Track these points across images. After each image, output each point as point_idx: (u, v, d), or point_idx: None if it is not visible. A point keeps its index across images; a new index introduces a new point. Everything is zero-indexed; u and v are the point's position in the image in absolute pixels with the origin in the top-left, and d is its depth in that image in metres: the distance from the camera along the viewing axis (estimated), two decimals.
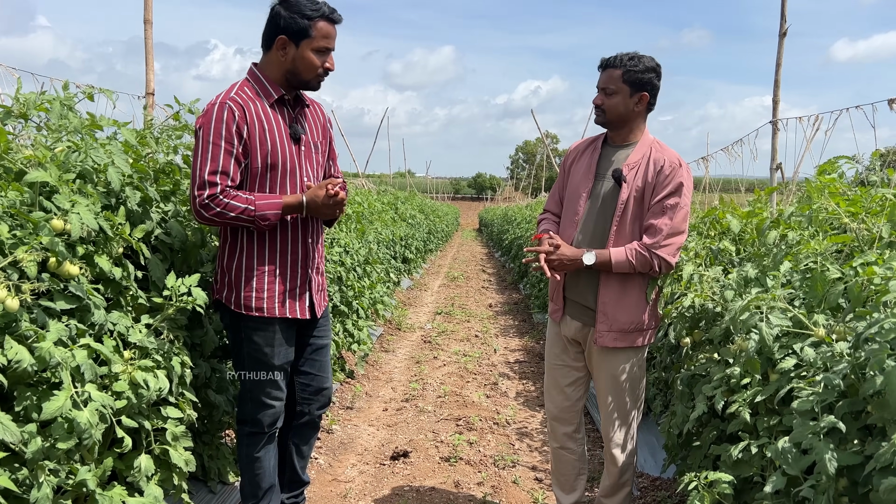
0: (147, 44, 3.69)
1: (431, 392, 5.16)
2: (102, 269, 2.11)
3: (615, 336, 2.63)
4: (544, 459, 3.90)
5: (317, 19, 2.34)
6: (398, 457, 3.86)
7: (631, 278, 2.61)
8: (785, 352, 1.96)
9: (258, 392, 2.57)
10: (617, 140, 2.68)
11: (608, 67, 2.59)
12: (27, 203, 1.91)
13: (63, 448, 1.80)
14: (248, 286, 2.47)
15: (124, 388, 2.05)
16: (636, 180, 2.57)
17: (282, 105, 2.47)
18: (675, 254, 2.57)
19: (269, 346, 2.53)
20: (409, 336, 7.22)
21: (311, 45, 2.37)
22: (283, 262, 2.50)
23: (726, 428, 2.21)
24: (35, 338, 1.75)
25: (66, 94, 2.13)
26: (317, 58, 2.39)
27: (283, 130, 2.43)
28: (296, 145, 2.47)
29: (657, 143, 2.64)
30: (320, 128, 2.61)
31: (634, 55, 2.57)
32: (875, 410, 1.52)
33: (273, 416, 2.61)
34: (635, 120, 2.63)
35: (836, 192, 2.38)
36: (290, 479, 2.87)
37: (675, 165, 2.55)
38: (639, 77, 2.55)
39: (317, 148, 2.57)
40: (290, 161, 2.44)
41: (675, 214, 2.53)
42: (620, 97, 2.57)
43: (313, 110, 2.62)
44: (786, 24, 3.68)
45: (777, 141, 3.74)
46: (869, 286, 1.77)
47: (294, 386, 2.75)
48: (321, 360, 2.76)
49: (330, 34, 2.39)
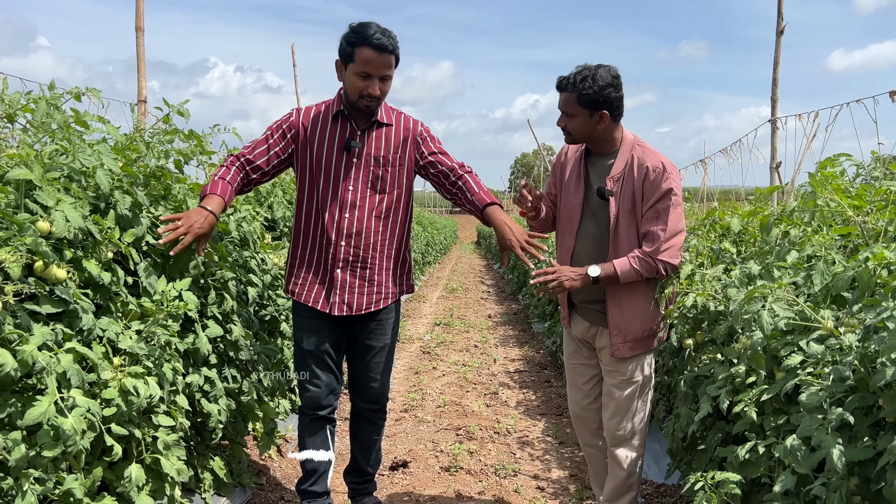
0: (139, 51, 3.65)
1: (431, 402, 5.09)
2: (91, 274, 2.06)
3: (631, 346, 2.63)
4: (546, 468, 3.84)
5: (360, 45, 2.53)
6: (397, 467, 3.80)
7: (636, 286, 2.60)
8: (791, 349, 1.91)
9: (299, 373, 2.87)
10: (598, 150, 2.66)
11: (562, 90, 2.54)
12: (12, 205, 1.87)
13: (49, 456, 1.74)
14: (289, 272, 2.89)
15: (114, 395, 2.00)
16: (623, 192, 2.56)
17: (345, 119, 2.72)
18: (677, 255, 2.55)
19: (300, 329, 2.86)
20: (408, 347, 7.16)
21: (354, 69, 2.57)
22: (310, 255, 2.81)
23: (732, 430, 2.15)
24: (19, 341, 1.70)
25: (52, 93, 2.09)
26: (359, 81, 2.57)
27: (335, 139, 2.71)
28: (347, 154, 2.70)
29: (638, 146, 2.60)
30: (392, 146, 2.76)
31: (587, 74, 2.47)
32: (886, 404, 1.47)
33: (310, 400, 2.85)
34: (605, 133, 2.58)
35: (839, 188, 2.34)
36: (352, 465, 3.12)
37: (659, 170, 2.52)
38: (594, 98, 2.47)
39: (377, 163, 2.74)
40: (336, 167, 2.71)
41: (668, 217, 2.51)
42: (581, 119, 2.54)
43: (393, 129, 2.77)
44: (783, 22, 3.67)
45: (776, 139, 3.71)
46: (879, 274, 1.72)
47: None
48: (369, 360, 2.92)
49: (370, 60, 2.54)
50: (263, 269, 3.46)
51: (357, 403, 3.04)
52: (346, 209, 2.72)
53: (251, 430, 3.34)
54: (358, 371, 2.96)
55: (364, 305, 2.83)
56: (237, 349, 2.97)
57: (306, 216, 2.80)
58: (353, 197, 2.73)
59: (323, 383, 2.85)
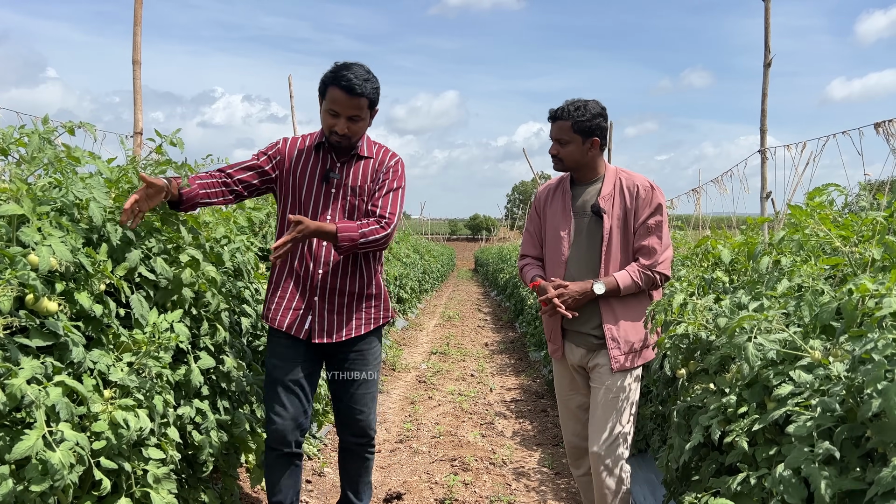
0: (136, 84, 3.69)
1: (426, 432, 5.06)
2: (83, 306, 2.07)
3: (632, 357, 2.73)
4: (541, 500, 3.81)
5: (331, 85, 2.61)
6: (391, 499, 3.76)
7: (629, 299, 2.73)
8: (781, 378, 1.91)
9: (266, 403, 2.85)
10: (583, 178, 2.83)
11: (557, 119, 2.75)
12: (3, 238, 1.87)
13: (37, 490, 1.72)
14: (268, 297, 2.88)
15: (103, 428, 1.98)
16: (615, 209, 2.73)
17: (326, 151, 2.78)
18: (669, 267, 2.76)
19: (274, 356, 2.84)
20: (404, 376, 7.12)
21: (325, 106, 2.67)
22: (286, 281, 2.82)
23: (725, 460, 2.14)
24: (7, 375, 1.70)
25: (45, 127, 2.11)
26: (328, 118, 2.67)
27: (316, 170, 2.78)
28: (326, 185, 2.76)
29: (622, 172, 2.81)
30: (368, 178, 2.80)
31: (580, 104, 2.71)
32: (875, 434, 1.47)
33: (276, 434, 2.81)
34: (592, 160, 2.77)
35: (826, 218, 2.36)
36: (343, 500, 3.12)
37: (648, 189, 2.72)
38: (587, 125, 2.69)
39: (354, 193, 2.79)
40: (315, 196, 2.77)
41: (661, 232, 2.71)
42: (574, 146, 2.72)
43: (371, 162, 2.82)
44: (770, 55, 3.72)
45: (766, 169, 3.75)
46: (863, 305, 1.73)
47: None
48: (353, 392, 2.91)
49: (338, 100, 2.61)
50: (258, 299, 3.46)
51: (345, 438, 3.02)
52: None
53: (243, 462, 3.31)
54: (342, 405, 2.95)
55: (344, 333, 2.84)
56: (229, 380, 2.96)
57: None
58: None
59: (290, 416, 2.82)
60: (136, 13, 3.74)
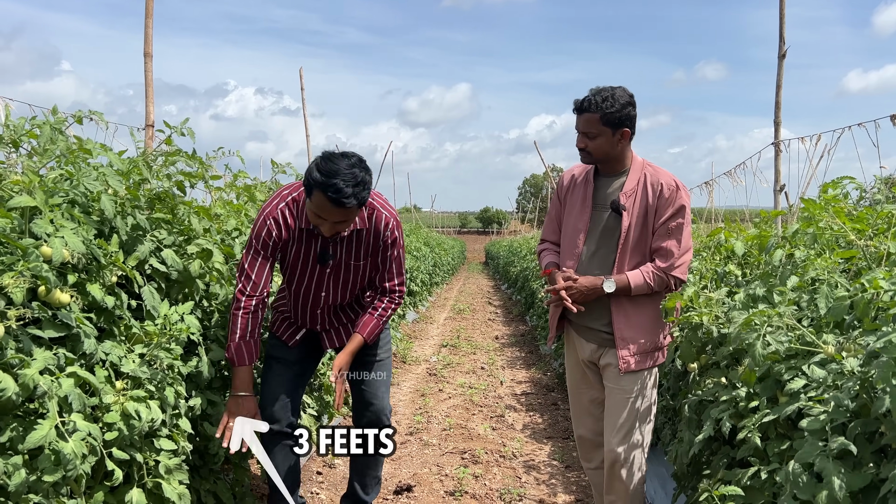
0: (147, 76, 3.70)
1: (436, 425, 5.07)
2: (95, 298, 2.08)
3: (638, 359, 2.64)
4: (551, 493, 3.80)
5: (315, 188, 2.41)
6: (401, 491, 3.77)
7: (641, 299, 2.64)
8: (794, 373, 1.90)
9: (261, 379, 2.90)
10: (608, 171, 2.69)
11: (584, 112, 2.57)
12: (17, 230, 1.88)
13: (49, 480, 1.74)
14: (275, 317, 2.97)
15: (116, 419, 2.00)
16: (636, 207, 2.61)
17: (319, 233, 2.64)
18: (686, 271, 2.64)
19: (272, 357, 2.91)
20: (415, 369, 7.13)
21: (310, 206, 2.49)
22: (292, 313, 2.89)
23: (736, 455, 2.13)
24: (20, 365, 1.71)
25: (56, 118, 2.12)
26: (314, 217, 2.52)
27: (310, 252, 2.70)
28: (321, 267, 2.73)
29: (649, 166, 2.66)
30: (363, 251, 2.74)
31: (607, 94, 2.53)
32: (888, 430, 1.46)
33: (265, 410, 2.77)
34: (621, 152, 2.64)
35: (840, 211, 2.33)
36: (349, 492, 3.12)
37: (673, 188, 2.59)
38: (617, 116, 2.53)
39: (348, 268, 2.76)
40: (310, 275, 2.75)
41: (681, 235, 2.59)
42: (603, 138, 2.57)
43: (364, 233, 2.71)
44: (784, 46, 3.68)
45: (780, 162, 3.71)
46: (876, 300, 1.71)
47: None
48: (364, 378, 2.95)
49: (323, 206, 2.43)
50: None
51: (360, 425, 3.00)
52: (320, 300, 2.84)
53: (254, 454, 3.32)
54: (356, 389, 2.97)
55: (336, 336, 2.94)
56: None
57: (287, 288, 2.88)
58: (328, 298, 2.83)
59: (280, 402, 2.83)
60: (148, 5, 3.75)
